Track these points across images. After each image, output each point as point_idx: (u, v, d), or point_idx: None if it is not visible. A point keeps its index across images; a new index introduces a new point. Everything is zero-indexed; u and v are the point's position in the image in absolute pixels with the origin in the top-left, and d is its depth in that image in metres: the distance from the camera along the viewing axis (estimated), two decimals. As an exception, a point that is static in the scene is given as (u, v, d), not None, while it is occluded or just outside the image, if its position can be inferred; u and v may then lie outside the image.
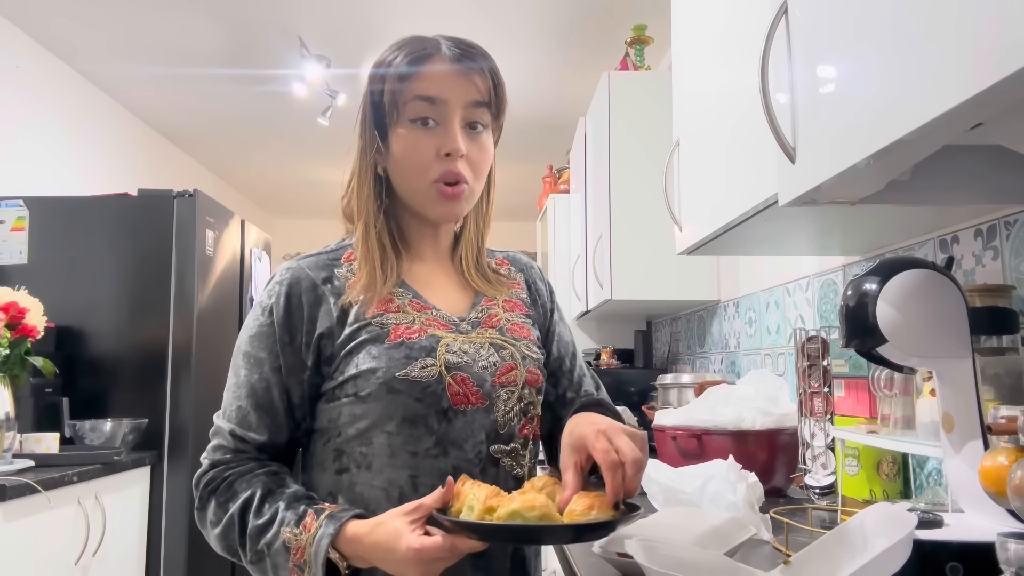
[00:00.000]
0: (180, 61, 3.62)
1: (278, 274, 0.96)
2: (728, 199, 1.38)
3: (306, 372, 0.92)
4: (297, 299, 0.93)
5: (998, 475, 0.79)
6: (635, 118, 2.68)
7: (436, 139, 0.93)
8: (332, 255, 0.98)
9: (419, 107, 0.93)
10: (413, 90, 0.93)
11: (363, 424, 0.91)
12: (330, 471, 0.93)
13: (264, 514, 0.86)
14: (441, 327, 0.95)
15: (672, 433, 1.66)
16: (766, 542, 1.14)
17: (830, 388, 1.47)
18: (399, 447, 0.90)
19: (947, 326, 0.95)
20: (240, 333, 0.96)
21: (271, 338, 0.92)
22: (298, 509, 0.86)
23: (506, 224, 6.74)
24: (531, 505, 0.75)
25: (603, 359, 3.30)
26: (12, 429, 2.15)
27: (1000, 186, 1.02)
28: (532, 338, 1.02)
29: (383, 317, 0.93)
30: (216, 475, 0.91)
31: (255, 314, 0.95)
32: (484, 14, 3.15)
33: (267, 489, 0.89)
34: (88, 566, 2.27)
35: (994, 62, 0.56)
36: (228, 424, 0.93)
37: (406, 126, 0.94)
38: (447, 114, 0.93)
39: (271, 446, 0.93)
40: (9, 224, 2.81)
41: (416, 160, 0.93)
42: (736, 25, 1.39)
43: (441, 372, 0.91)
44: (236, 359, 0.95)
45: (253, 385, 0.92)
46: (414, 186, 0.95)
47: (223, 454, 0.92)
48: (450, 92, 0.93)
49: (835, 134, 0.86)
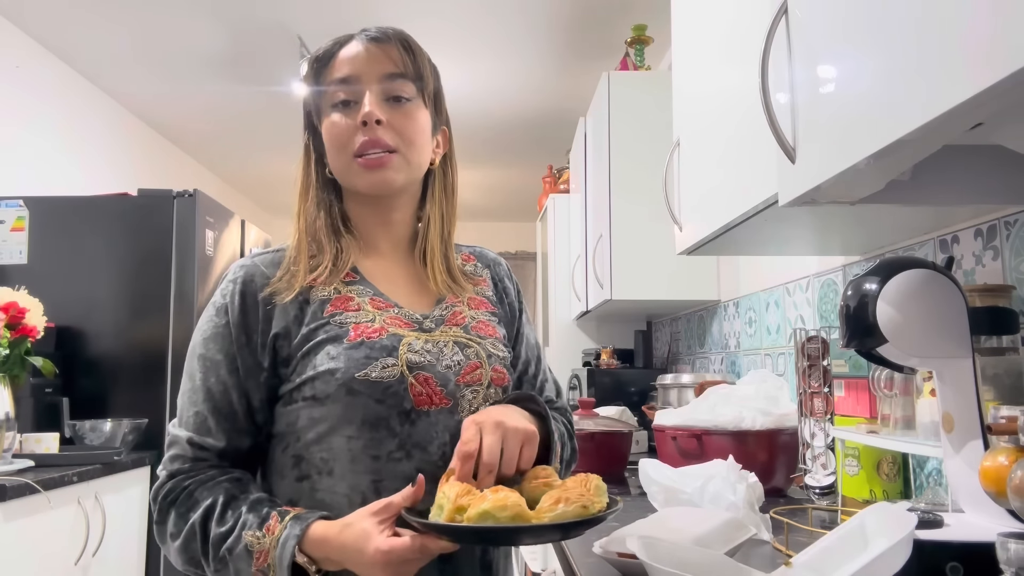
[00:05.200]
0: (180, 61, 3.62)
1: (231, 272, 0.93)
2: (728, 199, 1.38)
3: (263, 374, 0.89)
4: (252, 298, 0.90)
5: (998, 475, 0.79)
6: (635, 118, 2.68)
7: (354, 115, 0.93)
8: (277, 256, 0.96)
9: (336, 91, 0.95)
10: (330, 76, 0.95)
11: (322, 428, 0.87)
12: (290, 478, 0.90)
13: (227, 521, 0.82)
14: (403, 325, 0.92)
15: (672, 433, 1.66)
16: (766, 542, 1.14)
17: (830, 388, 1.47)
18: (360, 451, 0.87)
19: (947, 326, 0.95)
20: (194, 335, 0.93)
21: (227, 339, 0.89)
22: (261, 511, 0.83)
23: (506, 224, 6.74)
24: (503, 505, 0.72)
25: (603, 359, 3.30)
26: (12, 429, 2.15)
27: (1000, 186, 1.02)
28: (498, 336, 1.00)
29: (342, 316, 0.90)
30: (175, 485, 0.87)
31: (209, 315, 0.92)
32: (484, 14, 3.15)
33: (230, 495, 0.85)
34: (88, 566, 2.27)
35: (994, 62, 0.56)
36: (185, 432, 0.88)
37: (328, 113, 0.95)
38: (362, 91, 0.94)
39: (232, 452, 0.89)
40: (9, 224, 2.81)
41: (338, 138, 0.94)
42: (736, 25, 1.39)
43: (403, 372, 0.88)
44: (191, 363, 0.91)
45: (210, 389, 0.89)
46: (341, 165, 0.95)
47: (181, 464, 0.88)
48: (361, 69, 0.94)
49: (835, 134, 0.86)
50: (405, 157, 0.95)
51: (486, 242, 1.10)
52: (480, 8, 3.11)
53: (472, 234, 7.54)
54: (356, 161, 0.93)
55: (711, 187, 1.52)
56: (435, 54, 1.00)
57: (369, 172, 0.93)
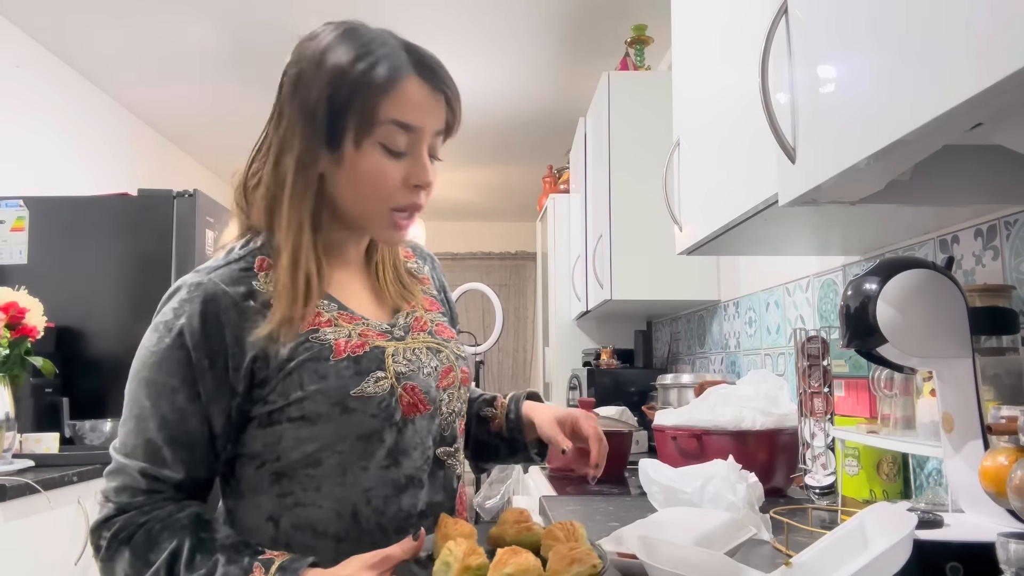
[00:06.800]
0: (180, 61, 3.62)
1: (184, 291, 0.84)
2: (728, 199, 1.38)
3: (236, 398, 0.83)
4: (214, 319, 0.82)
5: (998, 475, 0.79)
6: (635, 118, 2.68)
7: (404, 168, 0.87)
8: (242, 265, 0.87)
9: (393, 132, 0.85)
10: (389, 112, 0.84)
11: (311, 447, 0.84)
12: (268, 494, 0.86)
13: (197, 567, 0.77)
14: (378, 336, 0.90)
15: (672, 433, 1.66)
16: (766, 542, 1.14)
17: (830, 388, 1.47)
18: (351, 464, 0.85)
19: (947, 326, 0.95)
20: (136, 355, 0.85)
21: (183, 364, 0.81)
22: (240, 561, 0.77)
23: (506, 224, 6.74)
24: (524, 569, 0.73)
25: (603, 359, 3.29)
26: (12, 429, 2.15)
27: (1000, 186, 1.02)
28: (455, 336, 1.02)
29: (319, 333, 0.85)
30: (128, 521, 0.80)
31: (158, 335, 0.83)
32: (484, 14, 3.15)
33: (196, 538, 0.79)
34: (88, 566, 2.27)
35: (994, 62, 0.56)
36: (136, 462, 0.81)
37: (375, 147, 0.85)
38: (418, 143, 0.87)
39: (189, 483, 0.83)
40: (9, 224, 2.81)
41: (380, 188, 0.86)
42: (736, 25, 1.39)
43: (392, 384, 0.87)
44: (134, 388, 0.84)
45: (164, 416, 0.82)
46: (369, 209, 0.88)
47: (131, 496, 0.81)
48: (424, 120, 0.87)
49: (835, 134, 0.86)
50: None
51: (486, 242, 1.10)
52: (480, 8, 3.11)
53: (472, 234, 7.54)
54: (394, 216, 0.88)
55: (711, 187, 1.52)
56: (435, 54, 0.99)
57: (397, 231, 0.90)
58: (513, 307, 6.60)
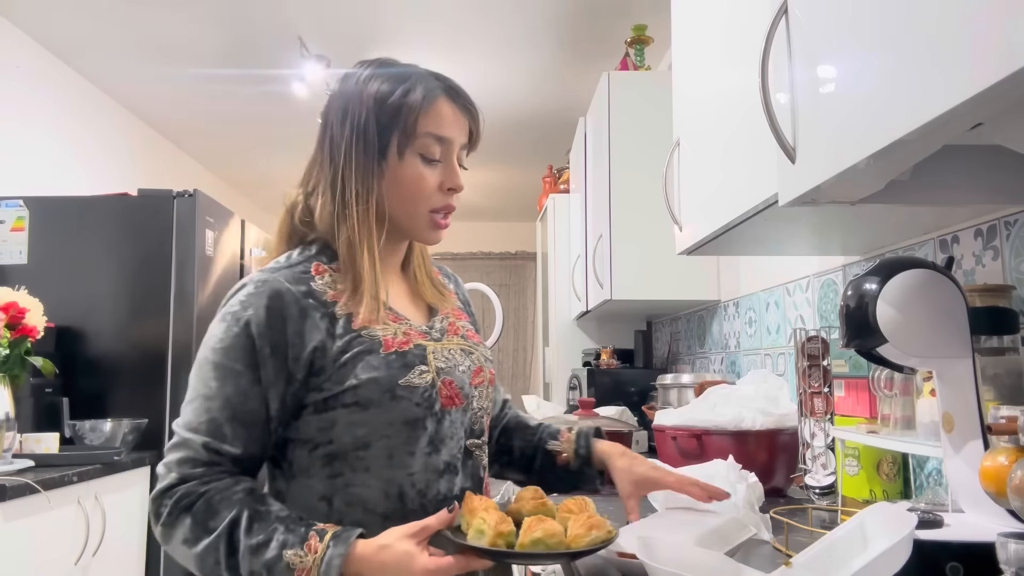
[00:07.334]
0: (180, 61, 3.62)
1: (251, 286, 0.94)
2: (728, 199, 1.38)
3: (292, 385, 0.92)
4: (278, 313, 0.92)
5: (998, 475, 0.79)
6: (635, 118, 2.68)
7: (439, 174, 1.01)
8: (302, 268, 0.98)
9: (429, 143, 0.99)
10: (426, 126, 0.99)
11: (362, 431, 0.94)
12: (320, 476, 0.95)
13: (256, 534, 0.86)
14: (419, 336, 1.01)
15: (672, 433, 1.66)
16: (766, 542, 1.14)
17: (830, 388, 1.47)
18: (398, 448, 0.95)
19: (947, 326, 0.95)
20: (204, 342, 0.94)
21: (248, 350, 0.91)
22: (298, 531, 0.86)
23: (506, 224, 6.74)
24: (551, 532, 0.87)
25: (603, 359, 3.29)
26: (12, 429, 2.15)
27: (1000, 186, 1.02)
28: (483, 342, 1.14)
29: (370, 330, 0.96)
30: (189, 490, 0.89)
31: (227, 324, 0.93)
32: (484, 14, 3.15)
33: (253, 509, 0.88)
34: (88, 566, 2.27)
35: (994, 62, 0.56)
36: (199, 437, 0.90)
37: (414, 157, 1.00)
38: (450, 153, 1.02)
39: (245, 459, 0.92)
40: (9, 224, 2.81)
41: (420, 191, 1.00)
42: (736, 25, 1.39)
43: (434, 378, 0.98)
44: (203, 370, 0.92)
45: (228, 397, 0.91)
46: (411, 211, 1.02)
47: (192, 467, 0.90)
48: (455, 133, 1.02)
49: (835, 134, 0.86)
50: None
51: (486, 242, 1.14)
52: (480, 8, 3.11)
53: (472, 234, 7.53)
54: (432, 216, 1.02)
55: (711, 187, 1.52)
56: (435, 54, 1.01)
57: (437, 231, 1.04)
58: (513, 307, 6.60)
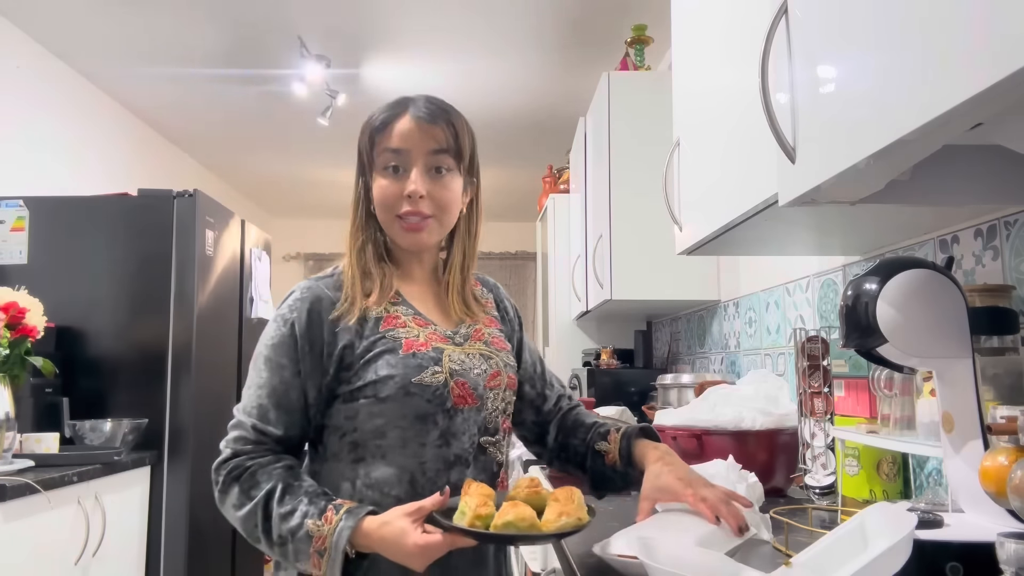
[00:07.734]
0: (180, 61, 3.62)
1: (298, 291, 1.11)
2: (728, 199, 1.38)
3: (326, 378, 1.07)
4: (317, 316, 1.08)
5: (998, 475, 0.79)
6: (635, 118, 2.68)
7: (402, 183, 1.11)
8: (337, 280, 1.13)
9: (388, 157, 1.12)
10: (383, 143, 1.12)
11: (380, 421, 1.06)
12: (346, 460, 1.08)
13: (286, 504, 1.00)
14: (441, 340, 1.12)
15: (672, 433, 1.66)
16: (766, 542, 1.14)
17: (830, 388, 1.47)
18: (411, 439, 1.07)
19: (947, 326, 0.95)
20: (261, 339, 1.10)
21: (292, 347, 1.06)
22: (319, 504, 1.00)
23: (506, 224, 6.73)
24: (522, 516, 0.94)
25: (603, 359, 3.29)
26: (12, 429, 2.15)
27: (1000, 186, 1.02)
28: (508, 349, 1.22)
29: (394, 332, 1.09)
30: (239, 464, 1.04)
31: (277, 324, 1.09)
32: (484, 14, 3.15)
33: (286, 483, 1.02)
34: (88, 566, 2.27)
35: (994, 62, 0.56)
36: (250, 419, 1.06)
37: (380, 172, 1.13)
38: (410, 162, 1.11)
39: (286, 440, 1.07)
40: (9, 224, 2.81)
41: (385, 201, 1.12)
42: (736, 25, 1.39)
43: (446, 378, 1.08)
44: (258, 362, 1.08)
45: (274, 387, 1.06)
46: (384, 219, 1.14)
47: (243, 444, 1.05)
48: (412, 144, 1.11)
49: (835, 134, 0.86)
50: (439, 221, 1.14)
51: (486, 242, 1.16)
52: (480, 8, 3.11)
53: (472, 234, 7.36)
54: (398, 221, 1.12)
55: (711, 187, 1.52)
56: (435, 54, 1.02)
57: (408, 233, 1.13)
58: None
